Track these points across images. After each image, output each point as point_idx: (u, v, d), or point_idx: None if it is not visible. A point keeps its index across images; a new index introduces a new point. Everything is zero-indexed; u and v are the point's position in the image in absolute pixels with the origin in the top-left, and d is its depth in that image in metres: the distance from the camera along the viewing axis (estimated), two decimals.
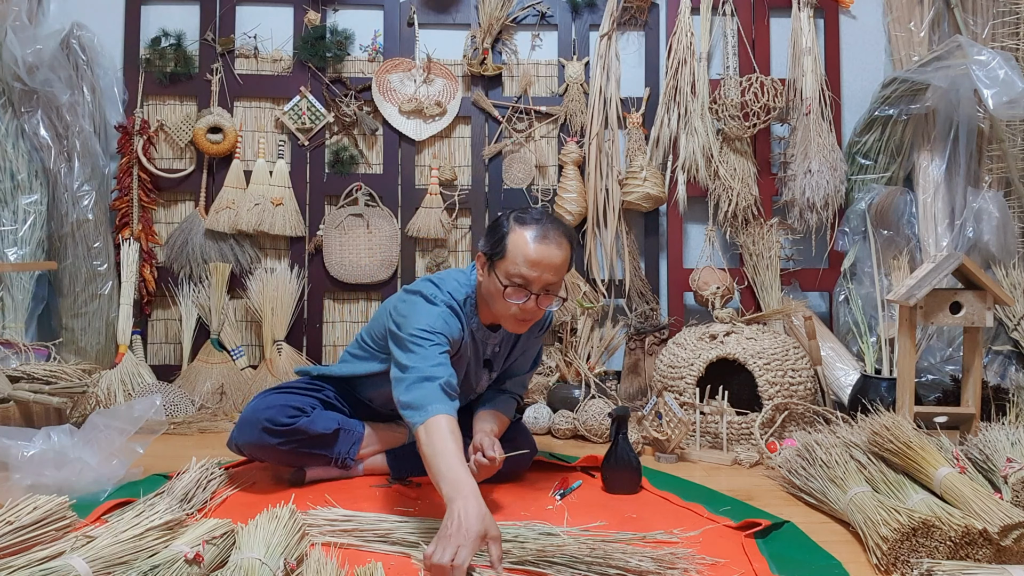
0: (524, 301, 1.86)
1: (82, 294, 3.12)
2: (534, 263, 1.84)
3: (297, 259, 3.33)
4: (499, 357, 2.14)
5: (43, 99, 3.07)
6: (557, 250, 1.86)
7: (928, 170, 3.16)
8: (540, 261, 1.84)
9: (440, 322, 1.88)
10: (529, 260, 1.84)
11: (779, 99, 3.21)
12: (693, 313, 3.35)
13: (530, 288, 1.86)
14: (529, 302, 1.87)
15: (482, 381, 2.16)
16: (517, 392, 2.24)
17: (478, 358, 2.09)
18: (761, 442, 2.43)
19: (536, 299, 1.87)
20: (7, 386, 2.42)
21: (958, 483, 1.67)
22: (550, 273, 1.85)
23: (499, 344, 2.11)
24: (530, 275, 1.84)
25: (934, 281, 2.21)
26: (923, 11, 3.26)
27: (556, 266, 1.86)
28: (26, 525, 1.37)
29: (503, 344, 2.12)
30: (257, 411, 2.02)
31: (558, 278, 1.89)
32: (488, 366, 2.13)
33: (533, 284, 1.85)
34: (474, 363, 2.09)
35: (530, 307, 1.87)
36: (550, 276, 1.86)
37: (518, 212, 1.92)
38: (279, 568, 1.33)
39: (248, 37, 3.34)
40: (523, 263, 1.84)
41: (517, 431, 2.22)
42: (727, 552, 1.61)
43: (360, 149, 3.36)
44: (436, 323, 1.87)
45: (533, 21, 3.40)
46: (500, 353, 2.14)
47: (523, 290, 1.86)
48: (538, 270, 1.84)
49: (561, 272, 1.89)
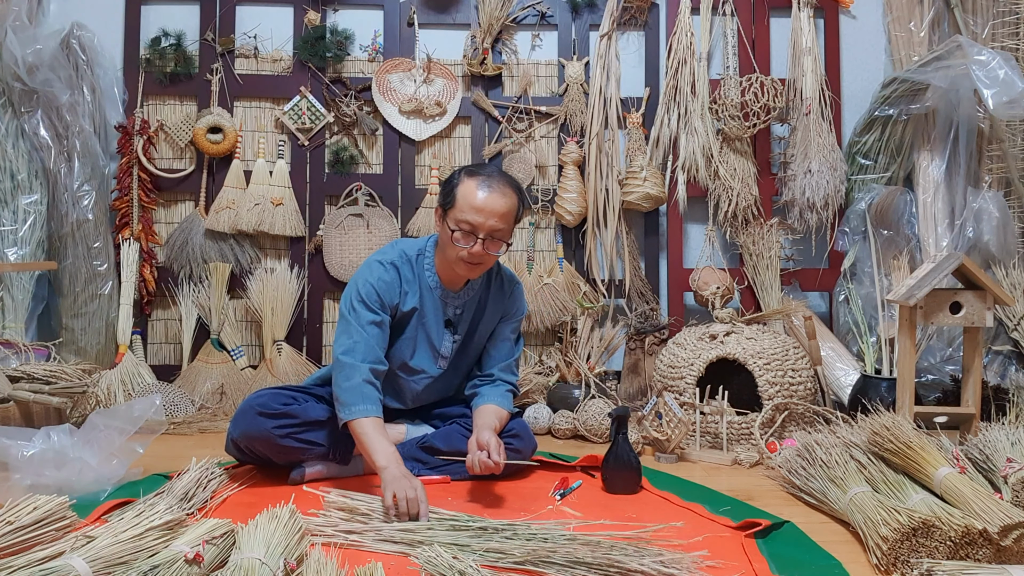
0: (472, 245, 2.02)
1: (82, 294, 3.12)
2: (478, 209, 2.00)
3: (297, 259, 3.33)
4: (462, 321, 2.21)
5: (43, 99, 3.07)
6: (502, 198, 2.02)
7: (928, 170, 3.16)
8: (484, 207, 2.01)
9: (375, 281, 2.08)
10: (474, 206, 2.01)
11: (779, 99, 3.21)
12: (693, 313, 3.36)
13: (477, 233, 2.01)
14: (476, 246, 2.02)
15: (445, 343, 2.21)
16: (508, 380, 2.28)
17: (438, 317, 2.18)
18: (761, 442, 2.43)
19: (483, 243, 2.02)
20: (7, 386, 2.42)
21: (958, 483, 1.67)
22: (495, 219, 2.01)
23: (462, 307, 2.20)
24: (476, 220, 2.00)
25: (934, 281, 2.21)
26: (923, 11, 3.26)
27: (501, 213, 2.02)
28: (26, 525, 1.37)
29: (467, 307, 2.21)
30: (250, 401, 2.10)
31: (504, 225, 2.04)
32: (451, 328, 2.21)
33: (479, 229, 2.01)
34: (433, 321, 2.18)
35: (477, 251, 2.02)
36: (495, 222, 2.02)
37: (470, 166, 2.11)
38: (279, 568, 1.32)
39: (248, 37, 3.34)
40: (469, 209, 2.01)
41: (518, 429, 2.22)
42: (727, 552, 1.61)
43: (360, 149, 3.36)
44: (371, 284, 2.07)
45: (533, 21, 3.40)
46: (463, 316, 2.21)
47: (471, 235, 2.02)
48: (483, 216, 2.01)
49: (506, 219, 2.04)
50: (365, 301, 2.06)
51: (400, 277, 2.14)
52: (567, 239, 3.38)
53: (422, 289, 2.16)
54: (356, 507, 1.78)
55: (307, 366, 3.21)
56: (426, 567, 1.44)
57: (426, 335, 2.19)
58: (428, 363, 2.22)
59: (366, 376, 2.00)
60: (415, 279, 2.16)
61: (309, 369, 3.19)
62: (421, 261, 2.18)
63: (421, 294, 2.16)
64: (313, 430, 2.10)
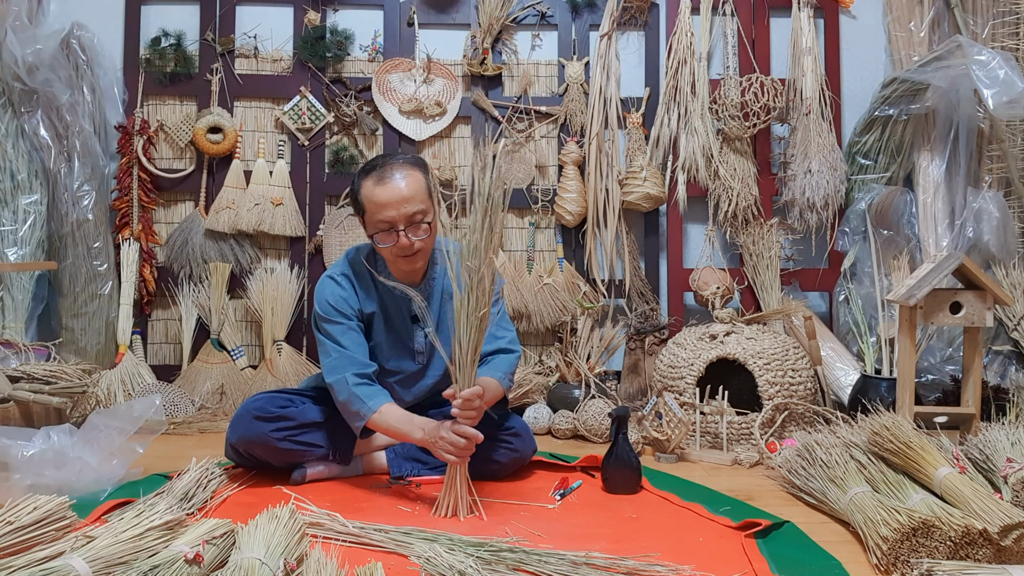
0: (395, 242, 2.00)
1: (82, 294, 3.12)
2: (384, 204, 1.97)
3: (297, 259, 3.32)
4: (430, 312, 2.14)
5: (43, 99, 3.07)
6: (401, 183, 1.98)
7: (928, 170, 3.16)
8: (389, 200, 1.97)
9: (330, 297, 2.08)
10: (379, 203, 1.98)
11: (779, 99, 3.21)
12: (693, 313, 3.35)
13: (395, 226, 1.99)
14: (401, 239, 1.99)
15: (417, 338, 2.17)
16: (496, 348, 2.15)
17: (403, 315, 2.15)
18: (761, 442, 2.43)
19: (405, 233, 1.99)
20: (7, 386, 2.42)
21: (958, 483, 1.67)
22: (405, 205, 1.98)
23: (426, 298, 2.14)
24: (387, 216, 1.98)
25: (934, 281, 2.21)
26: (923, 11, 3.26)
27: (407, 196, 1.98)
28: (26, 525, 1.37)
29: (432, 298, 2.16)
30: (246, 406, 2.09)
31: (415, 207, 1.99)
32: (419, 323, 2.15)
33: (395, 223, 1.99)
34: (399, 320, 2.16)
35: (404, 242, 2.00)
36: (406, 208, 1.98)
37: (364, 165, 2.07)
38: (279, 568, 1.32)
39: (248, 37, 3.34)
40: (377, 208, 1.99)
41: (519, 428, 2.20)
42: (727, 552, 1.61)
43: (360, 149, 3.35)
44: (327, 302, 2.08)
45: (533, 21, 3.40)
46: (430, 308, 2.15)
47: (391, 232, 1.99)
48: (392, 208, 1.97)
49: (415, 199, 1.99)
50: (328, 319, 2.08)
51: (354, 285, 2.13)
52: (567, 239, 3.38)
53: (380, 292, 2.14)
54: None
55: (307, 366, 3.21)
56: (426, 567, 1.44)
57: (396, 335, 2.17)
58: (406, 362, 2.19)
59: (355, 381, 2.00)
60: (371, 283, 2.14)
61: (309, 369, 3.19)
62: (372, 264, 2.14)
63: (380, 297, 2.14)
64: (311, 431, 2.10)
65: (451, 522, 1.80)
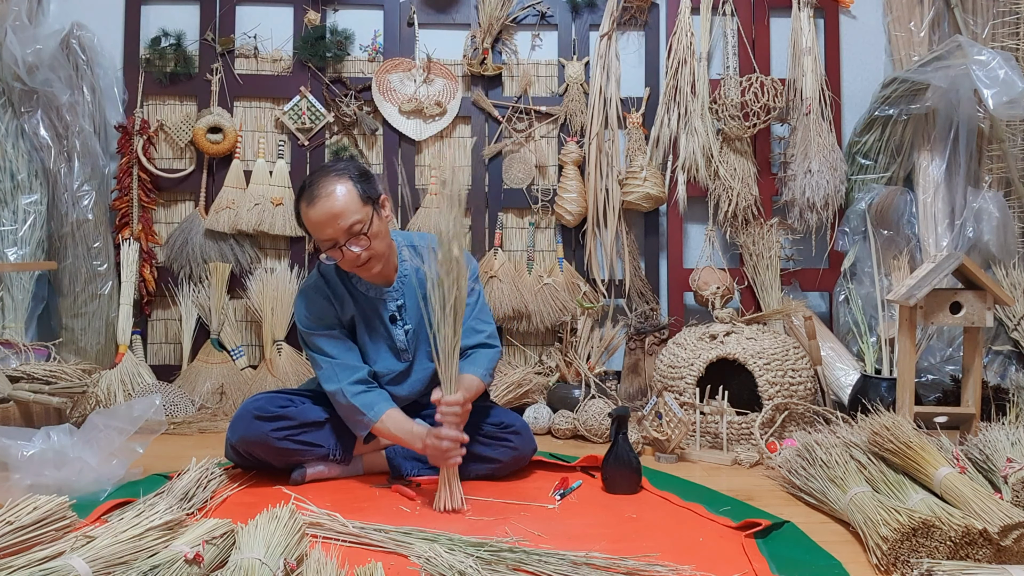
0: (341, 258, 2.00)
1: (82, 294, 3.12)
2: (318, 225, 1.96)
3: (297, 259, 3.32)
4: (407, 309, 2.16)
5: (43, 99, 3.07)
6: (328, 200, 1.95)
7: (928, 170, 3.16)
8: (321, 220, 1.95)
9: (307, 311, 2.11)
10: (314, 224, 1.97)
11: (779, 99, 3.21)
12: (693, 313, 3.36)
13: (337, 243, 1.98)
14: (346, 253, 1.98)
15: (398, 336, 2.18)
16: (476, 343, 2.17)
17: (380, 316, 2.16)
18: (761, 442, 2.43)
19: (347, 248, 1.98)
20: (7, 386, 2.42)
21: (958, 483, 1.67)
22: (336, 221, 1.95)
23: (401, 297, 2.16)
24: (325, 235, 1.97)
25: (934, 281, 2.21)
26: (923, 11, 3.26)
27: (336, 213, 1.95)
28: (26, 525, 1.37)
29: (407, 296, 2.16)
30: (246, 406, 2.10)
31: (347, 220, 1.96)
32: (397, 322, 2.16)
33: (334, 239, 1.97)
34: (378, 322, 2.16)
35: (350, 256, 1.99)
36: (339, 223, 1.95)
37: (300, 187, 2.03)
38: (279, 568, 1.32)
39: (248, 37, 3.34)
40: (314, 230, 1.99)
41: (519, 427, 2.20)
42: (727, 552, 1.61)
43: (360, 149, 3.35)
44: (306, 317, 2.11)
45: (533, 21, 3.40)
46: (406, 305, 2.16)
47: (334, 249, 1.99)
48: (328, 228, 1.96)
49: (345, 214, 1.95)
50: (312, 332, 2.10)
51: (329, 296, 2.14)
52: (567, 239, 3.38)
53: (355, 298, 2.15)
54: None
55: (307, 366, 3.21)
56: (426, 567, 1.44)
57: (378, 336, 2.18)
58: (391, 361, 2.20)
59: (353, 391, 2.03)
60: (344, 291, 2.15)
61: (309, 369, 3.18)
62: (344, 272, 2.13)
63: (356, 302, 2.15)
64: (311, 431, 2.11)
65: (451, 522, 1.80)
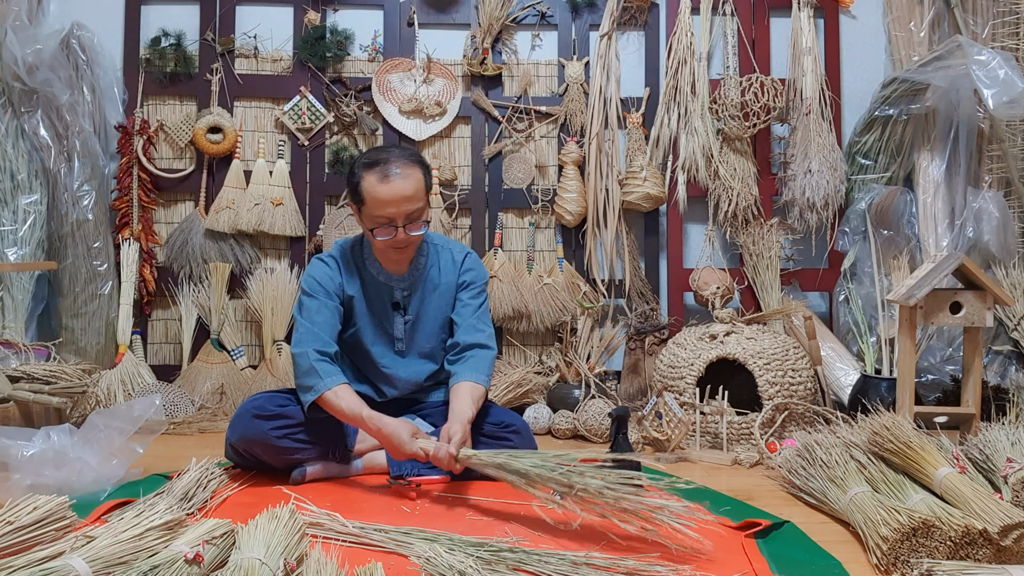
0: (393, 236, 2.07)
1: (82, 294, 3.12)
2: (387, 202, 2.03)
3: (297, 259, 3.32)
4: (411, 301, 2.22)
5: (43, 99, 3.07)
6: (403, 182, 2.04)
7: (928, 170, 3.16)
8: (393, 198, 2.03)
9: (315, 273, 2.17)
10: (382, 200, 2.03)
11: (779, 99, 3.21)
12: (693, 313, 3.35)
13: (395, 223, 2.06)
14: (399, 234, 2.07)
15: (396, 325, 2.23)
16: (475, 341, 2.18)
17: (384, 301, 2.22)
18: (761, 442, 2.43)
19: (404, 229, 2.07)
20: (7, 386, 2.42)
21: (958, 483, 1.67)
22: (406, 204, 2.05)
23: (408, 288, 2.23)
24: (389, 212, 2.04)
25: (934, 281, 2.21)
26: (923, 11, 3.26)
27: (408, 196, 2.04)
28: (26, 525, 1.37)
29: (414, 288, 2.23)
30: (245, 405, 2.11)
31: (416, 205, 2.07)
32: (399, 310, 2.23)
33: (395, 219, 2.06)
34: (380, 306, 2.22)
35: (401, 238, 2.08)
36: (407, 206, 2.05)
37: (365, 157, 2.11)
38: (279, 568, 1.32)
39: (248, 37, 3.34)
40: (379, 205, 2.04)
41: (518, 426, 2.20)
42: (727, 552, 1.61)
43: (360, 149, 3.35)
44: (312, 277, 2.16)
45: (533, 21, 3.40)
46: (411, 297, 2.23)
47: (390, 227, 2.07)
48: (394, 206, 2.04)
49: (416, 198, 2.07)
50: (309, 292, 2.15)
51: (340, 267, 2.21)
52: (567, 239, 3.38)
53: (363, 278, 2.21)
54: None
55: None
56: (426, 567, 1.44)
57: (376, 320, 2.23)
58: (384, 347, 2.24)
59: (315, 357, 2.05)
60: (355, 269, 2.22)
61: None
62: (359, 252, 2.23)
63: (363, 282, 2.21)
64: (312, 428, 2.11)
65: (451, 522, 1.80)
